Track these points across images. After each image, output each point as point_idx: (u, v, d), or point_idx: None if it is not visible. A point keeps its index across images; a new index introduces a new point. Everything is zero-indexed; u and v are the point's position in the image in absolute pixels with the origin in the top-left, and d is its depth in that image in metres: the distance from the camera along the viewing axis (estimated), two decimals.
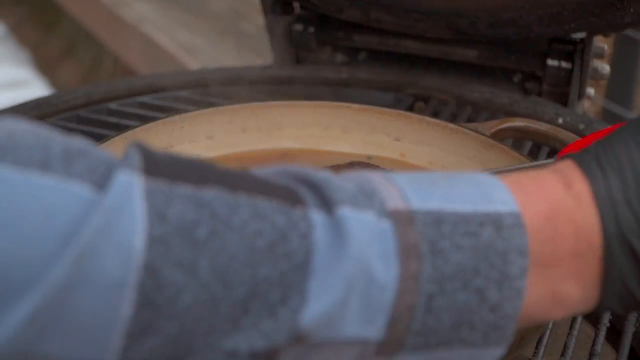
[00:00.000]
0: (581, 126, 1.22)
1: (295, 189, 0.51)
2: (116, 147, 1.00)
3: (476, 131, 1.03)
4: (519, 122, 1.04)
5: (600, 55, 1.30)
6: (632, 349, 0.91)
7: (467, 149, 1.04)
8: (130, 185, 0.47)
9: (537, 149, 1.19)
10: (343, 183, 0.53)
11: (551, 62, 1.29)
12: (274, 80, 1.34)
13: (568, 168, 0.58)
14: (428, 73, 1.35)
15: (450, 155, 1.06)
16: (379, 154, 1.09)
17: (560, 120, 1.23)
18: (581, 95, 1.30)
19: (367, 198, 0.52)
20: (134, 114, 1.26)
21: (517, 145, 1.16)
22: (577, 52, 1.27)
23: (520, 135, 1.05)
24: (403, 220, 0.51)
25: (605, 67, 1.30)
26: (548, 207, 0.55)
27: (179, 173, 0.49)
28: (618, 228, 0.55)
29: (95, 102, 1.28)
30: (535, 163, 0.90)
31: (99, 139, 1.19)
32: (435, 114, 1.28)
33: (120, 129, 1.21)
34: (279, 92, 1.31)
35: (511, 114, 1.26)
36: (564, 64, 1.28)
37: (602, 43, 1.30)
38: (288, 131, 1.10)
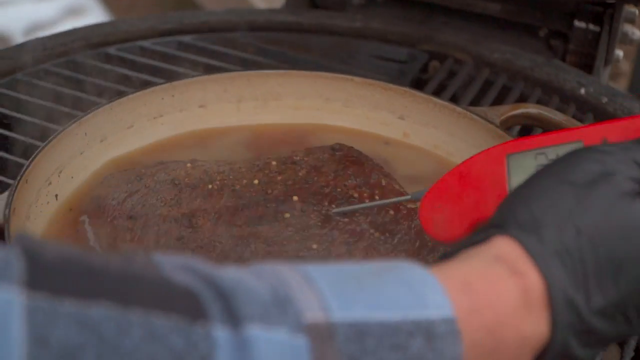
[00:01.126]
0: (604, 99, 1.14)
1: (200, 296, 0.46)
2: (100, 119, 0.95)
3: (485, 118, 0.96)
4: (532, 109, 0.97)
5: (631, 20, 1.21)
6: None
7: (475, 136, 0.97)
8: (9, 305, 0.42)
9: None
10: (256, 288, 0.47)
11: (578, 24, 1.21)
12: (282, 26, 1.26)
13: (521, 261, 0.53)
14: (447, 25, 1.27)
15: (457, 141, 0.99)
16: (382, 132, 1.02)
17: (582, 91, 1.15)
18: (608, 60, 1.22)
19: (280, 310, 0.46)
20: (131, 60, 1.20)
21: (526, 133, 1.09)
22: (606, 16, 1.19)
23: (533, 123, 0.98)
24: (321, 335, 0.46)
25: (636, 32, 1.22)
26: (495, 319, 0.51)
27: (67, 282, 0.44)
28: (564, 335, 0.53)
29: (93, 45, 1.21)
30: (395, 199, 0.84)
31: (91, 90, 1.14)
32: (451, 74, 1.21)
33: (116, 78, 1.15)
34: (285, 40, 1.23)
35: (531, 79, 1.19)
36: (592, 27, 1.20)
37: (633, 8, 1.20)
38: (286, 101, 1.04)
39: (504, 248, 0.54)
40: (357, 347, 0.47)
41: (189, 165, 0.89)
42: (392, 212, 0.84)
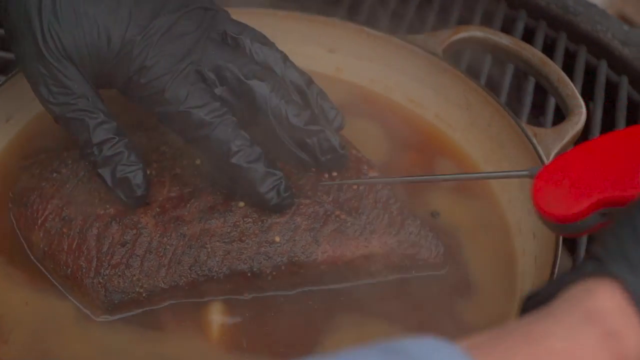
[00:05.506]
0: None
1: None
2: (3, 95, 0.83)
3: (425, 48, 0.89)
4: (476, 32, 0.89)
5: None
6: None
7: (415, 68, 0.90)
8: None
9: (500, 65, 1.04)
10: None
11: None
12: None
13: (622, 315, 0.44)
14: None
15: (395, 74, 0.91)
16: (312, 67, 0.93)
17: None
18: None
19: None
20: None
21: (475, 60, 1.01)
22: None
23: (478, 48, 0.90)
24: None
25: None
26: None
27: None
28: None
29: None
30: (504, 173, 0.76)
31: None
32: None
33: None
34: None
35: None
36: None
37: None
38: None
39: (600, 297, 0.45)
40: None
41: None
42: (354, 185, 0.77)
